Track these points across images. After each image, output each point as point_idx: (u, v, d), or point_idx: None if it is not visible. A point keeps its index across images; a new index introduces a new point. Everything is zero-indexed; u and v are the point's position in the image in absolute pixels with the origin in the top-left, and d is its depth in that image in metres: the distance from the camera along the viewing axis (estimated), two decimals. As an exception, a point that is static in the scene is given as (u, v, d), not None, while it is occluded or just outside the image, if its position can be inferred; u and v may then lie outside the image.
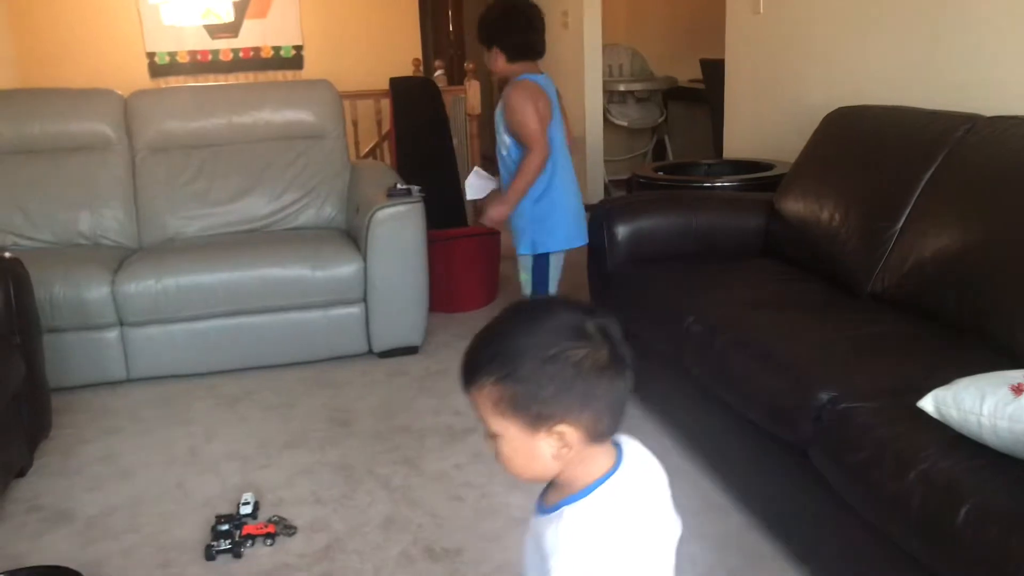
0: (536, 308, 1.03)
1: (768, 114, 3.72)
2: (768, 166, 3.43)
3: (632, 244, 2.83)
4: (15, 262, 2.52)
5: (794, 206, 2.76)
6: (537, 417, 0.96)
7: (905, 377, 1.77)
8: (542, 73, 2.74)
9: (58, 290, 2.98)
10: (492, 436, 1.00)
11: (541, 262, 2.74)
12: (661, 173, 3.62)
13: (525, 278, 2.80)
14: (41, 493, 2.45)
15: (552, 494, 1.04)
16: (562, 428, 0.96)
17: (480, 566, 2.03)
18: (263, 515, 2.24)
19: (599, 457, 1.01)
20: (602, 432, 0.99)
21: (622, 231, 2.83)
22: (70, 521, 2.30)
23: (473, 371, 0.99)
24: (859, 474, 1.63)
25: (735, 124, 4.03)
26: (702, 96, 5.78)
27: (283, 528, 2.16)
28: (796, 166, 2.89)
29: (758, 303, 2.34)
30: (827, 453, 1.74)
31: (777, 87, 3.64)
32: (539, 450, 0.98)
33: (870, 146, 2.60)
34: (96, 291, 3.03)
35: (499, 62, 2.71)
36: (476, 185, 2.90)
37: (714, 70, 4.87)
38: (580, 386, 0.95)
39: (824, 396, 1.78)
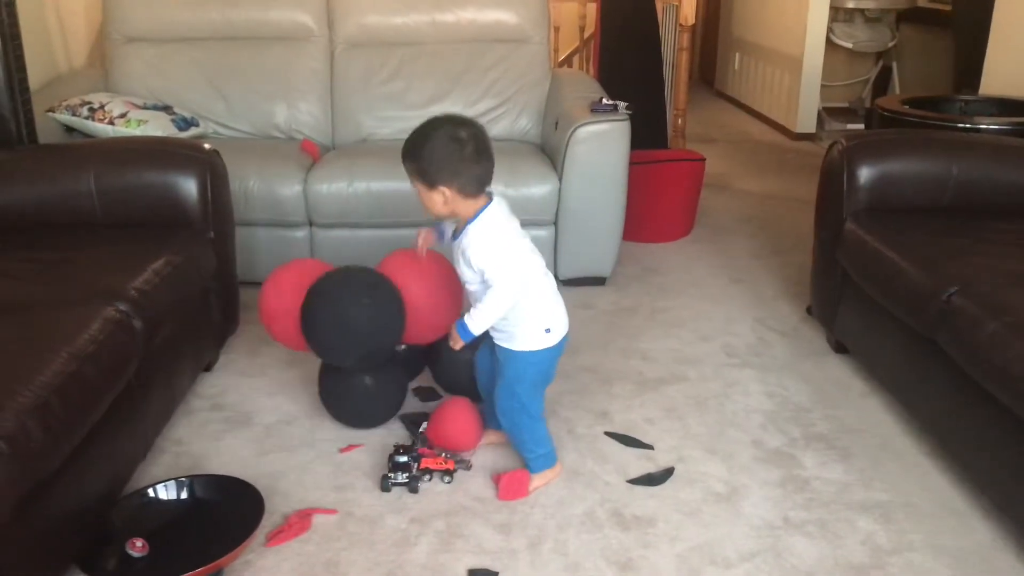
0: (431, 124, 1.80)
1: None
2: (1045, 108, 2.89)
3: (876, 191, 2.42)
4: (214, 154, 2.44)
5: (1089, 161, 2.27)
6: (431, 183, 1.77)
7: None
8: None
9: (253, 184, 2.93)
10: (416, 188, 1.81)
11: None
12: (907, 107, 3.13)
13: None
14: (225, 390, 2.43)
15: (458, 229, 1.86)
16: (442, 188, 1.77)
17: (675, 543, 1.80)
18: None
19: (476, 203, 1.81)
20: (470, 192, 1.79)
21: (865, 174, 2.41)
22: (249, 426, 2.26)
23: (403, 155, 1.82)
24: None
25: (1002, 55, 3.43)
26: (946, 20, 5.05)
27: (460, 463, 2.02)
28: (1095, 112, 2.38)
29: (1044, 279, 1.92)
30: None
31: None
32: (432, 199, 1.79)
33: None
34: (289, 189, 2.96)
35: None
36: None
37: (973, -11, 4.19)
38: (450, 167, 1.75)
39: None
